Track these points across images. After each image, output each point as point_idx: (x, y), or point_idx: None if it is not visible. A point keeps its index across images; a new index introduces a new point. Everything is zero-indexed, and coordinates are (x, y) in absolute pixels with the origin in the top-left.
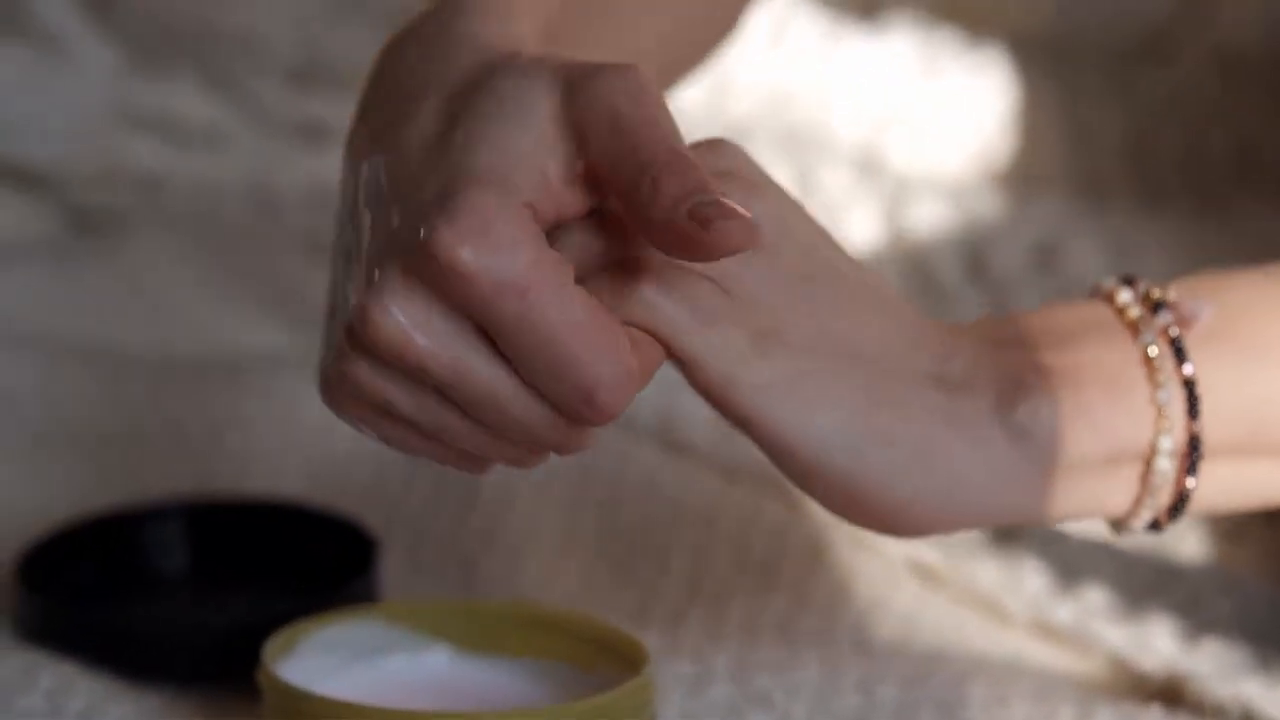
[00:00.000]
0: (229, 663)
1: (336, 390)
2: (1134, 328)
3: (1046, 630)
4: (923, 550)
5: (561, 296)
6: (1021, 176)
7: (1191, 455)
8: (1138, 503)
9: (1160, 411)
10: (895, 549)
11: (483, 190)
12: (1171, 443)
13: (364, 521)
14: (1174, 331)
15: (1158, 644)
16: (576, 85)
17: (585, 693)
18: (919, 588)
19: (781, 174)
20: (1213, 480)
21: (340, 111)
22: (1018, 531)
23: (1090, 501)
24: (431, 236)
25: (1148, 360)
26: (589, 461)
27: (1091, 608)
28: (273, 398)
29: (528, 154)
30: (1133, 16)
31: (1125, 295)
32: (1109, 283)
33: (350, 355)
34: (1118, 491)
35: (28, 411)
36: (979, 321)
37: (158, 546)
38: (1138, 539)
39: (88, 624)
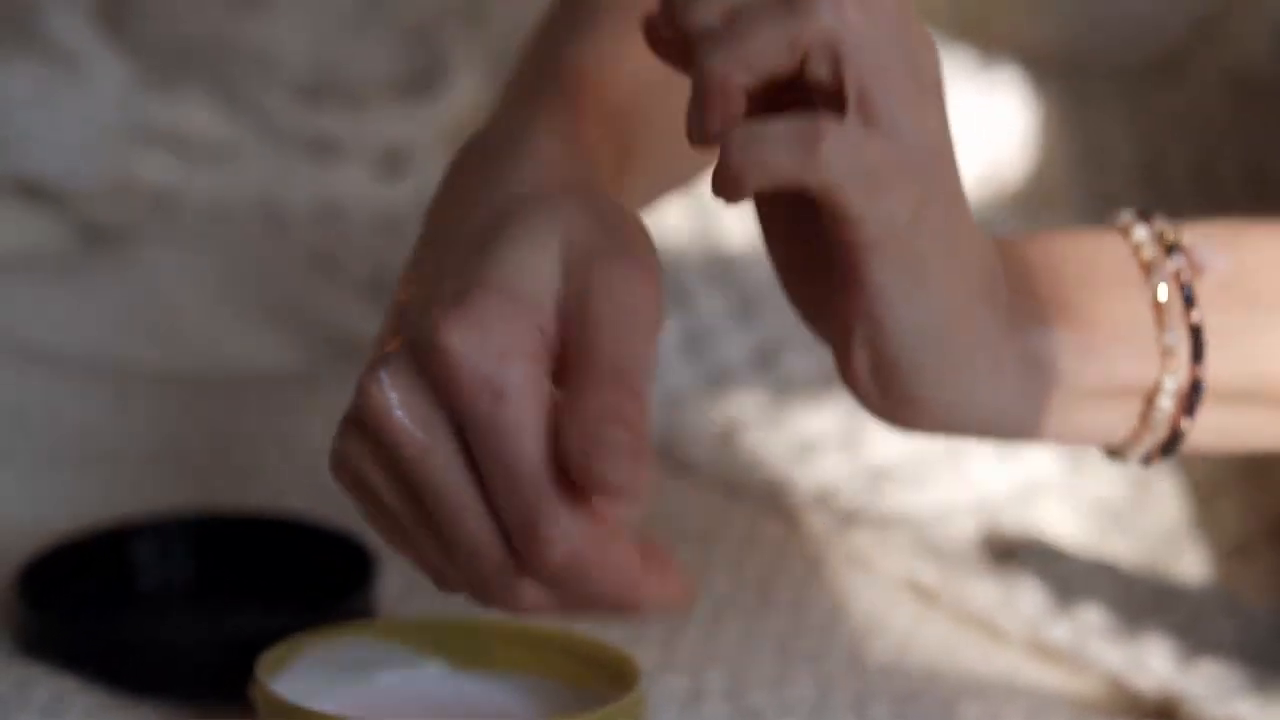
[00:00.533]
0: (225, 677)
1: (337, 465)
2: (1146, 269)
3: (1043, 650)
4: (920, 570)
5: (537, 416)
6: (1033, 195)
7: (1192, 397)
8: (1135, 437)
9: (1167, 353)
10: (893, 567)
11: (492, 293)
12: (1175, 384)
13: (363, 537)
14: (1185, 276)
15: (1153, 664)
16: (582, 254)
17: (577, 709)
18: (916, 607)
19: None
20: (1208, 423)
21: (351, 128)
22: (1016, 551)
23: (1088, 428)
24: (433, 322)
25: (1157, 304)
26: None
27: (1088, 627)
28: (275, 413)
29: (544, 278)
30: (1146, 37)
31: (1141, 233)
32: (1126, 217)
33: (348, 427)
34: (1117, 423)
35: (33, 425)
36: (1008, 241)
37: (157, 561)
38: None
39: (84, 638)
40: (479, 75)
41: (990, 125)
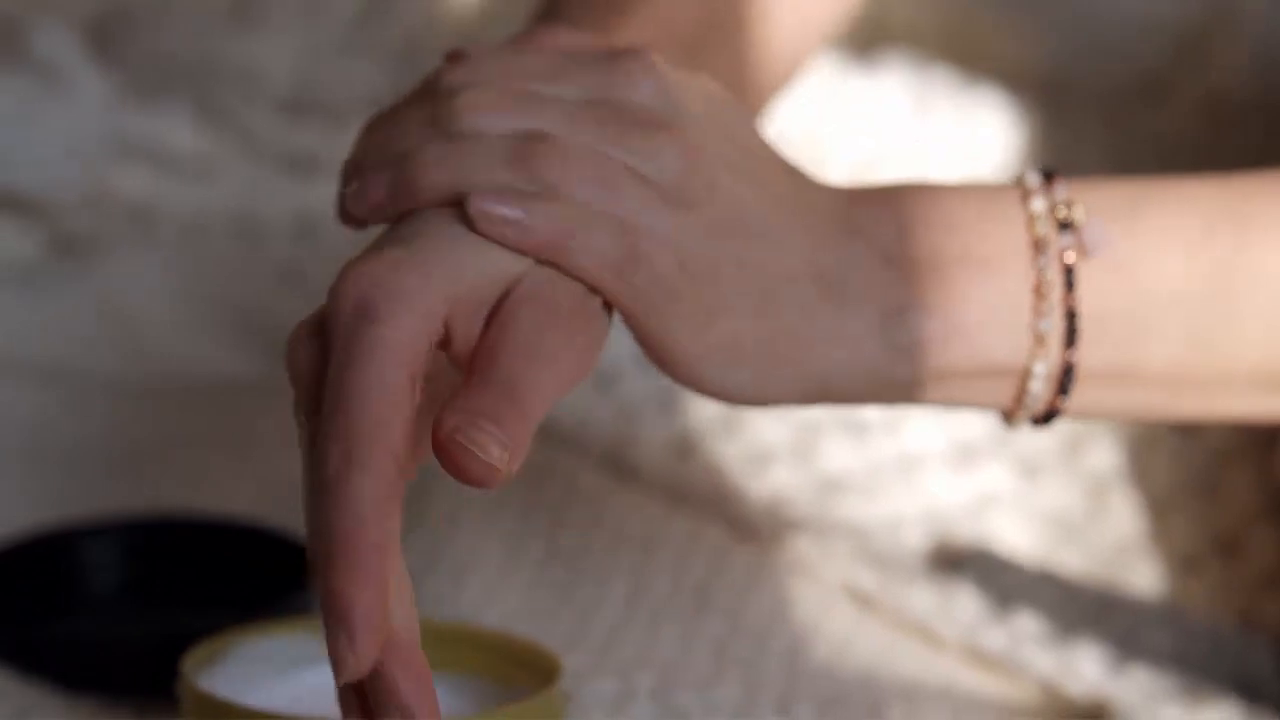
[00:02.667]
0: (160, 674)
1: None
2: (1036, 246)
3: (978, 656)
4: (859, 576)
5: (380, 377)
6: None
7: (1064, 380)
8: (1012, 409)
9: (1039, 340)
10: (832, 574)
11: (406, 261)
12: (1045, 369)
13: (297, 538)
14: (1069, 258)
15: (1085, 670)
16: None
17: (499, 705)
18: (855, 613)
19: None
20: (1085, 398)
21: (331, 144)
22: (957, 560)
23: (962, 401)
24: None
25: (1038, 287)
26: (535, 485)
27: (1022, 634)
28: (229, 420)
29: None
30: (1129, 60)
31: (1038, 204)
32: (1031, 180)
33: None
34: (991, 396)
35: None
36: (892, 203)
37: (100, 562)
38: (1084, 567)
39: (21, 636)
40: None
41: (971, 145)
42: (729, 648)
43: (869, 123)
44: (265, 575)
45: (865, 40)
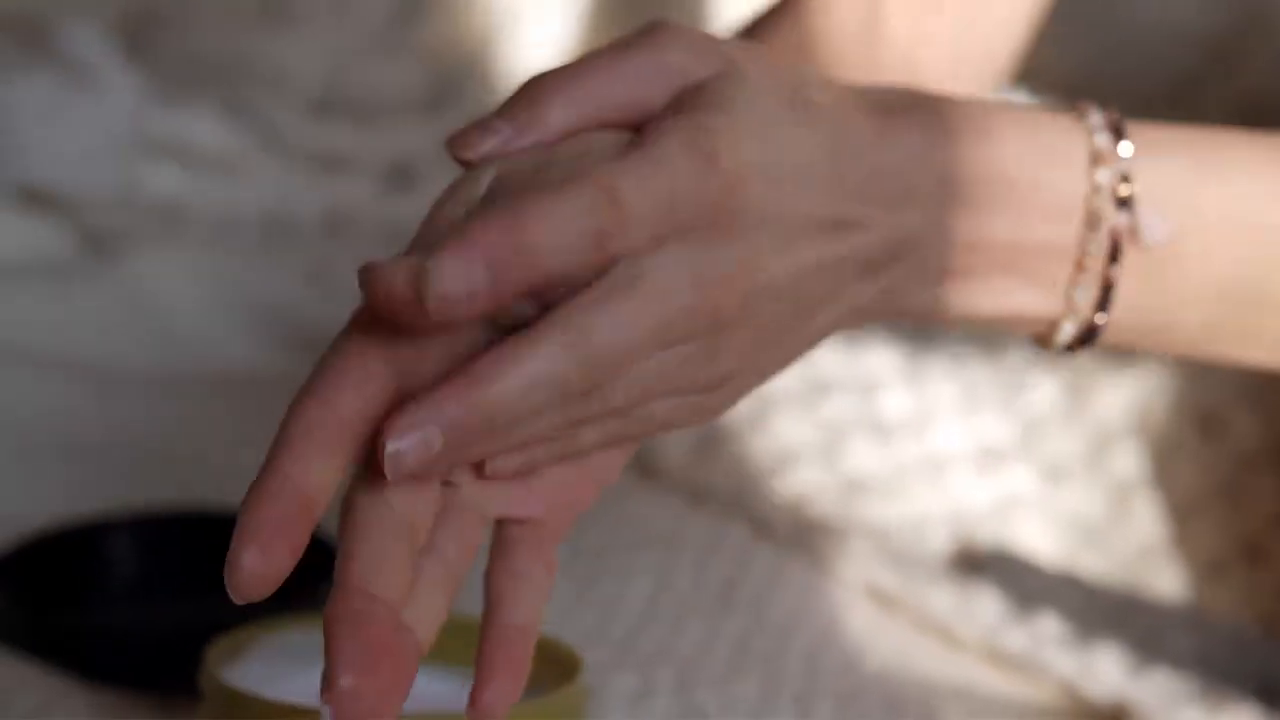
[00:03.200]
0: (183, 667)
1: None
2: (1091, 219)
3: (998, 657)
4: (881, 576)
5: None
6: None
7: (1087, 338)
8: (1038, 343)
9: (1069, 303)
10: (854, 574)
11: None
12: (1073, 328)
13: (331, 534)
14: (1120, 237)
15: (1105, 672)
16: None
17: (521, 701)
18: (876, 612)
19: None
20: (1108, 342)
21: (359, 142)
22: (979, 562)
23: (988, 329)
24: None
25: (1080, 261)
26: None
27: (1043, 635)
28: (257, 415)
29: None
30: (1159, 64)
31: (1103, 176)
32: (1101, 139)
33: None
34: (1019, 329)
35: (17, 422)
36: (941, 143)
37: (126, 555)
38: (1107, 571)
39: (46, 627)
40: (491, 94)
41: None
42: (750, 645)
43: None
44: (295, 568)
45: None
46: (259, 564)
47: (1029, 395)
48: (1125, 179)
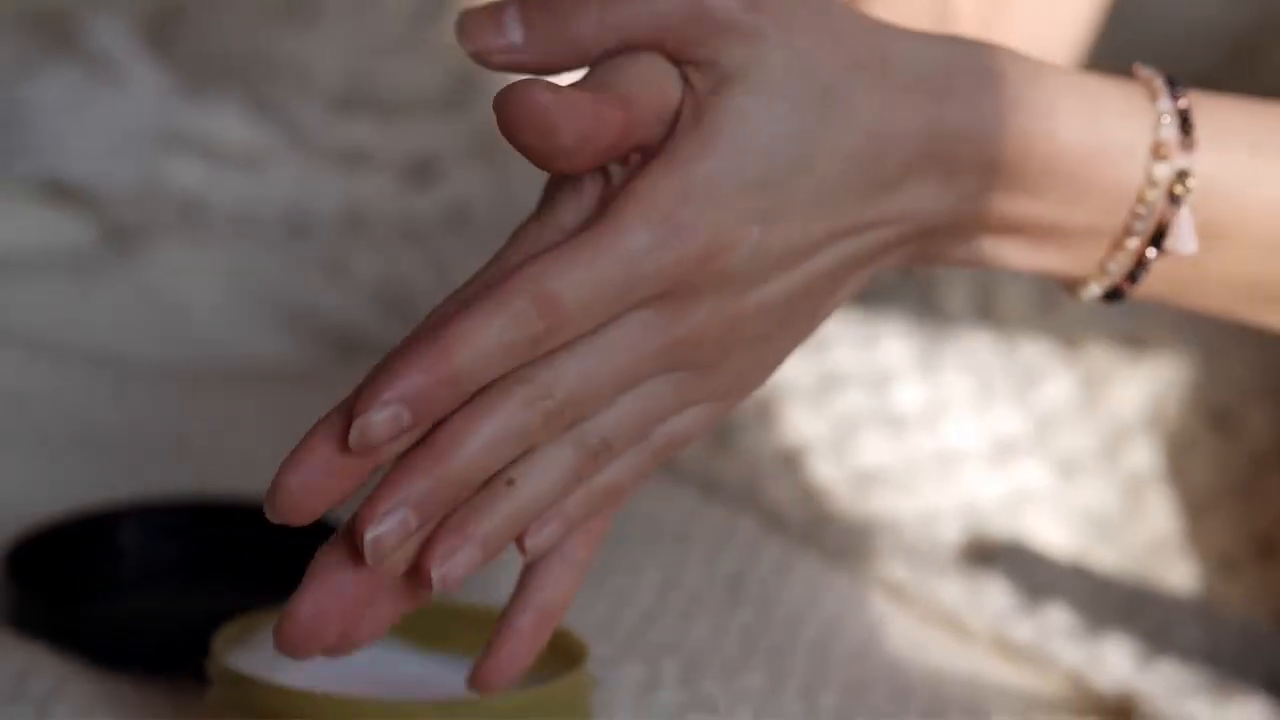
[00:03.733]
0: (193, 653)
1: None
2: (1141, 208)
3: (1007, 649)
4: (891, 568)
5: None
6: None
7: (1113, 296)
8: (1064, 288)
9: (1101, 269)
10: (863, 566)
11: None
12: (1100, 289)
13: (338, 522)
14: (1163, 220)
15: (1113, 664)
16: None
17: (524, 687)
18: (885, 604)
19: None
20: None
21: (380, 138)
22: (986, 552)
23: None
24: None
25: (1120, 240)
26: None
27: (1051, 627)
28: (272, 408)
29: None
30: (1179, 62)
31: (1162, 171)
32: (1167, 129)
33: None
34: (1046, 278)
35: (35, 412)
36: (989, 119)
37: (141, 544)
38: (1120, 566)
39: (57, 614)
40: None
41: None
42: (758, 637)
43: None
44: (303, 558)
45: None
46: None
47: (1043, 389)
48: (1183, 176)
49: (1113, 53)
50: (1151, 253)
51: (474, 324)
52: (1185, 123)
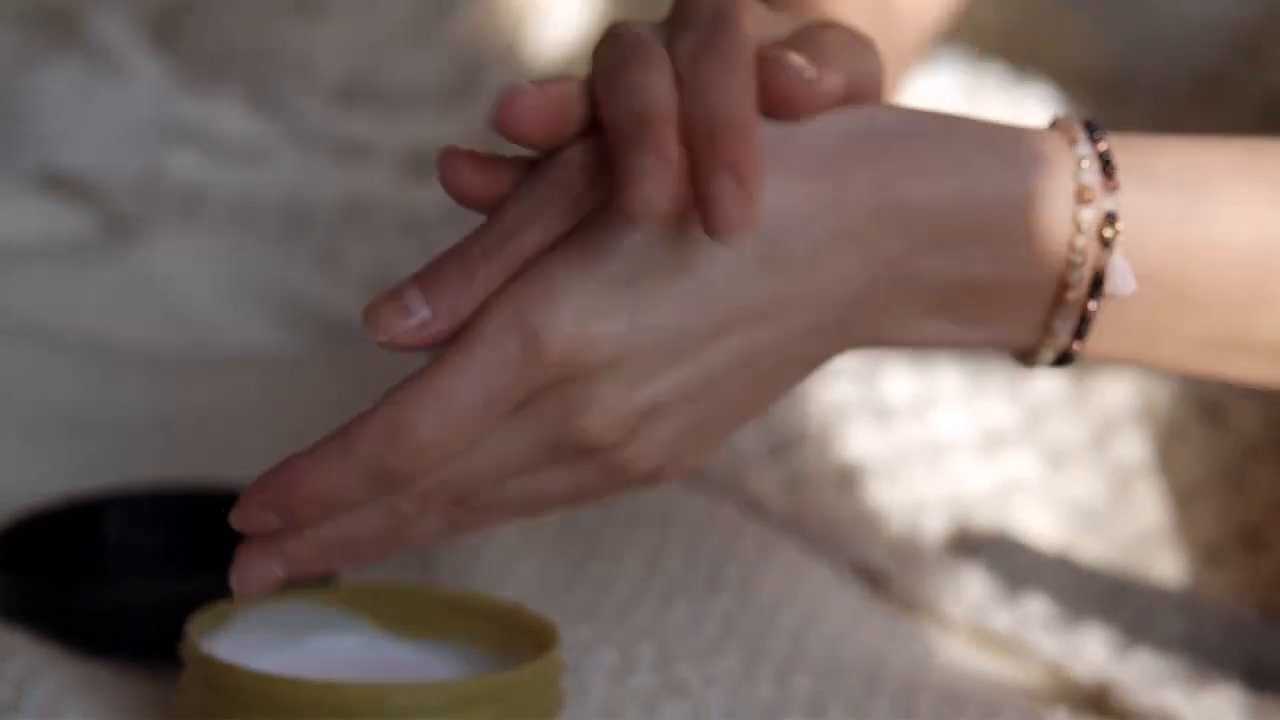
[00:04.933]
0: (173, 639)
1: None
2: (1073, 256)
3: (986, 637)
4: (870, 555)
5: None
6: None
7: (1064, 361)
8: (1019, 360)
9: (1048, 331)
10: (844, 553)
11: None
12: (1051, 355)
13: None
14: (1099, 265)
15: (1090, 653)
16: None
17: (496, 672)
18: (864, 592)
19: None
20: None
21: (382, 132)
22: (971, 541)
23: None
24: None
25: (1061, 294)
26: None
27: (1030, 617)
28: (262, 394)
29: None
30: (1185, 58)
31: (1089, 215)
32: (1089, 174)
33: None
34: (998, 352)
35: (23, 399)
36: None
37: (129, 530)
38: (1106, 556)
39: (39, 600)
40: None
41: None
42: (735, 623)
43: None
44: None
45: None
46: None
47: (1033, 381)
48: (1110, 219)
49: (1117, 46)
50: (1093, 305)
51: (318, 465)
52: (1107, 165)
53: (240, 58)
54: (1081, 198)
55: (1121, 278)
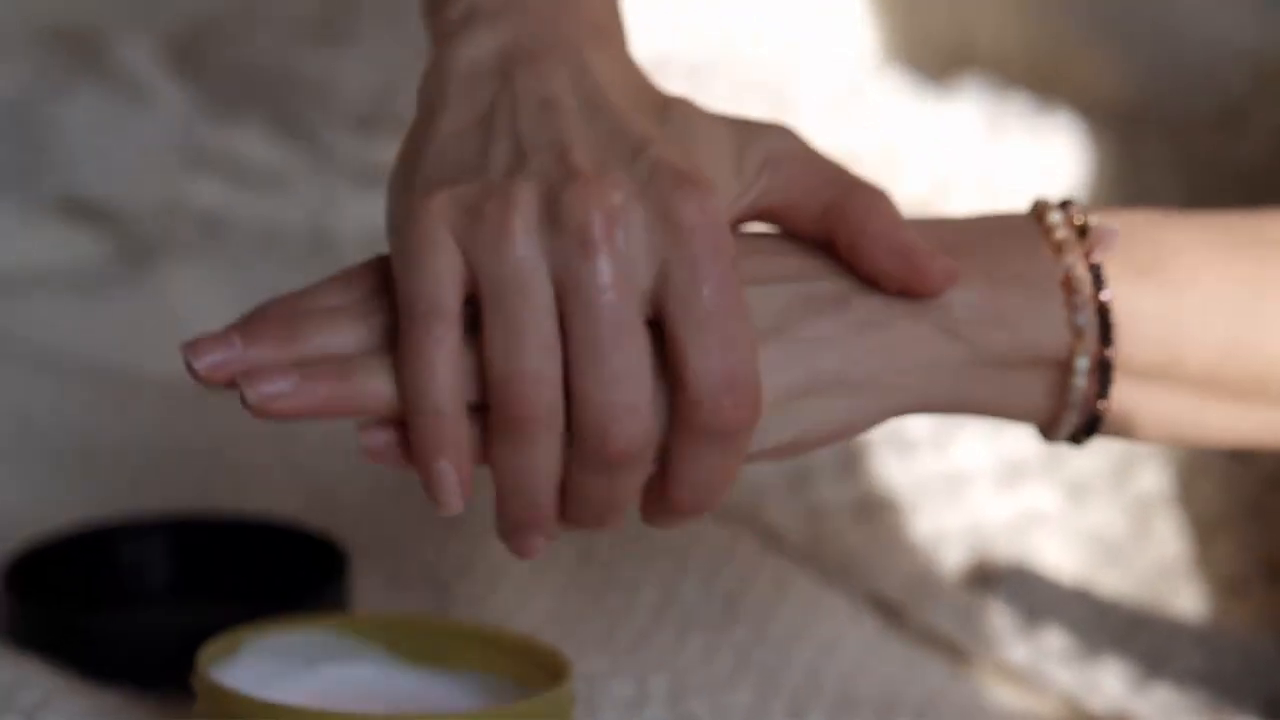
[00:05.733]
0: (185, 668)
1: None
2: (1058, 248)
3: (1003, 671)
4: (888, 588)
5: None
6: None
7: (1104, 377)
8: (1057, 413)
9: (1077, 333)
10: (861, 586)
11: None
12: (1087, 363)
13: (338, 538)
14: (1096, 257)
15: (1108, 687)
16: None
17: (508, 702)
18: (880, 624)
19: None
20: (1126, 404)
21: None
22: (991, 573)
23: (1012, 398)
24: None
25: (1068, 281)
26: None
27: (1047, 650)
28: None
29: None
30: (1209, 87)
31: (1055, 216)
32: (1044, 201)
33: None
34: (1037, 395)
35: (37, 427)
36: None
37: (141, 558)
38: (1126, 589)
39: (53, 627)
40: None
41: (1043, 169)
42: (750, 656)
43: (942, 146)
44: (300, 575)
45: (948, 62)
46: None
47: None
48: (1079, 214)
49: (1139, 74)
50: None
51: None
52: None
53: (262, 84)
54: (1042, 213)
55: (1107, 228)
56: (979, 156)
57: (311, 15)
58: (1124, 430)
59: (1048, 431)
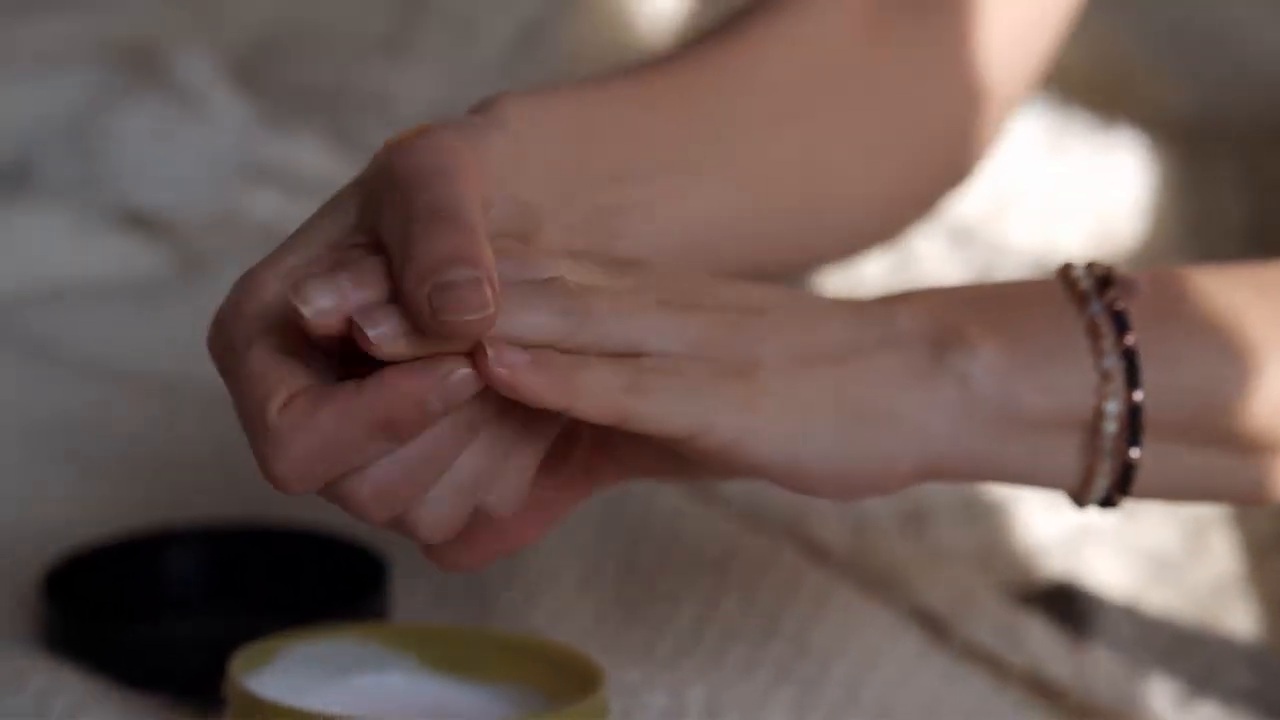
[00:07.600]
0: (220, 676)
1: None
2: (1082, 299)
3: (1046, 687)
4: (931, 602)
5: None
6: (1144, 255)
7: (1132, 425)
8: (1089, 474)
9: (1105, 377)
10: (904, 600)
11: None
12: (1116, 408)
13: (381, 549)
14: (1120, 305)
15: (1153, 705)
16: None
17: (542, 713)
18: (923, 639)
19: None
20: (1158, 461)
21: None
22: (1043, 593)
23: (1040, 462)
24: None
25: (1093, 328)
26: (614, 505)
27: (1091, 667)
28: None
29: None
30: (1273, 105)
31: (1078, 270)
32: (1068, 263)
33: None
34: (1067, 456)
35: (84, 434)
36: (929, 290)
37: (182, 567)
38: (1179, 607)
39: (90, 634)
40: None
41: (1105, 185)
42: (790, 669)
43: (1005, 161)
44: (342, 583)
45: None
46: None
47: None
48: (1100, 267)
49: (1203, 88)
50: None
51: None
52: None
53: (321, 96)
54: (1065, 270)
55: (1133, 277)
56: (1041, 174)
57: (372, 30)
58: (1157, 485)
59: (1080, 494)
